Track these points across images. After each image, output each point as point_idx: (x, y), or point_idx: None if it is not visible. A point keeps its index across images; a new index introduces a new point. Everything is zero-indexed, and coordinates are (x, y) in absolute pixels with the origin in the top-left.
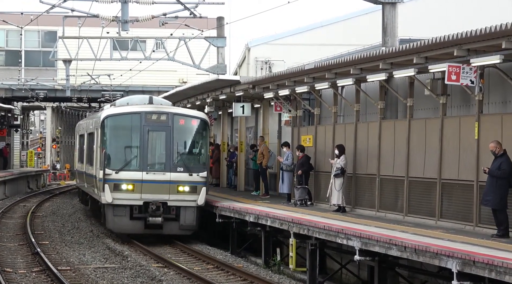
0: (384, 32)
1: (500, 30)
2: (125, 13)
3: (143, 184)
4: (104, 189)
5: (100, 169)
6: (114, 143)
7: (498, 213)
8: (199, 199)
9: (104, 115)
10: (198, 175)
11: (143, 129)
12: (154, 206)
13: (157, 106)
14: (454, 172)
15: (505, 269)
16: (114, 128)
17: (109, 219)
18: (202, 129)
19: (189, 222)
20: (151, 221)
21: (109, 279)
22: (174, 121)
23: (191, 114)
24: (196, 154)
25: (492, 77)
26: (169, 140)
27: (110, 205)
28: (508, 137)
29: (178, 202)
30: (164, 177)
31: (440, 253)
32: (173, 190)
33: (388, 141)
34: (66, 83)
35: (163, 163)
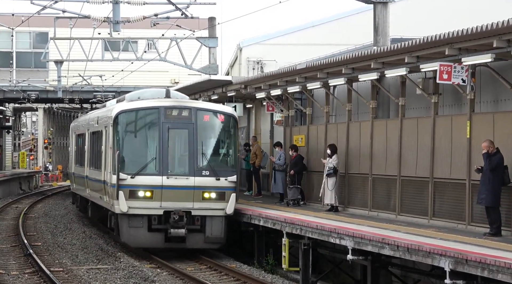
0: (376, 32)
1: (492, 29)
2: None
3: (163, 190)
4: (118, 196)
5: (112, 173)
6: (129, 143)
7: (491, 211)
8: (227, 207)
9: (117, 111)
10: (227, 179)
11: (163, 126)
12: (177, 216)
13: (178, 101)
14: (446, 171)
15: (497, 268)
16: (129, 126)
17: (123, 231)
18: (230, 127)
19: (216, 234)
20: (173, 233)
21: (102, 280)
22: (197, 118)
23: (217, 109)
24: (223, 155)
25: (483, 76)
26: (192, 139)
27: (125, 215)
28: (500, 136)
29: (203, 211)
30: (188, 182)
31: (433, 252)
32: (197, 197)
33: (380, 140)
34: (57, 84)
35: (186, 165)
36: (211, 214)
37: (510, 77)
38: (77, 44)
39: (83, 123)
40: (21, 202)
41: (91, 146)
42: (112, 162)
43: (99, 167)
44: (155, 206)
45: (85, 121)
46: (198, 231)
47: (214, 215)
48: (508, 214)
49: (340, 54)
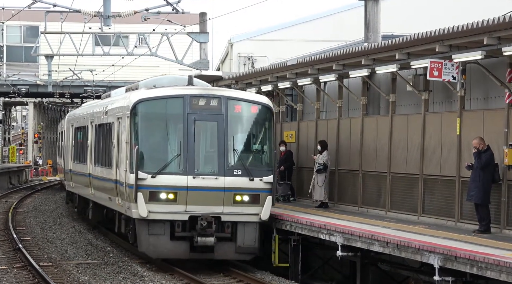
0: (367, 28)
1: (482, 26)
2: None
3: (188, 192)
4: (136, 198)
5: (129, 172)
6: (149, 137)
7: (481, 208)
8: (262, 212)
9: (136, 100)
10: (262, 179)
11: (188, 118)
12: (205, 222)
13: (204, 88)
14: (436, 168)
15: (486, 264)
16: (149, 117)
17: (142, 239)
18: (266, 119)
19: (249, 243)
20: (200, 242)
21: (91, 275)
22: (228, 108)
23: (251, 98)
24: (258, 152)
25: (474, 73)
26: (222, 133)
27: (144, 220)
28: (490, 134)
29: (235, 216)
30: (217, 183)
31: (422, 248)
32: (228, 200)
33: (370, 137)
34: (48, 78)
35: (215, 163)
36: (243, 220)
37: (500, 74)
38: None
39: (85, 115)
40: (10, 196)
41: (96, 140)
42: (129, 158)
43: (109, 165)
44: (179, 210)
45: (88, 113)
46: (228, 240)
47: (247, 221)
48: (497, 211)
49: (331, 50)
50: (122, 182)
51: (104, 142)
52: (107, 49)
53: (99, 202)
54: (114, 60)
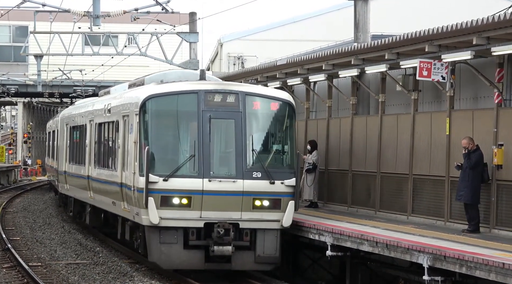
0: (356, 28)
1: (471, 26)
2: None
3: (204, 196)
4: (147, 204)
5: (139, 175)
6: (160, 137)
7: (470, 208)
8: (284, 218)
9: (146, 96)
10: (283, 183)
11: (203, 116)
12: (222, 229)
13: (220, 83)
14: (425, 168)
15: (475, 264)
16: (160, 114)
17: (153, 248)
18: (287, 116)
19: (269, 252)
20: (217, 252)
21: (80, 275)
22: (246, 105)
23: (270, 94)
24: (279, 152)
25: (463, 73)
26: (240, 132)
27: (155, 228)
28: (479, 133)
29: (254, 223)
30: (235, 187)
31: (411, 248)
32: (247, 205)
33: (360, 137)
34: (37, 78)
35: (232, 165)
36: (263, 227)
37: (489, 74)
38: (57, 38)
39: (83, 114)
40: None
41: (97, 141)
42: (139, 160)
43: (113, 166)
44: (194, 216)
45: (86, 111)
46: (246, 249)
47: (268, 228)
48: (486, 211)
49: (321, 50)
50: (130, 186)
51: (106, 141)
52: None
53: (100, 206)
54: (103, 60)
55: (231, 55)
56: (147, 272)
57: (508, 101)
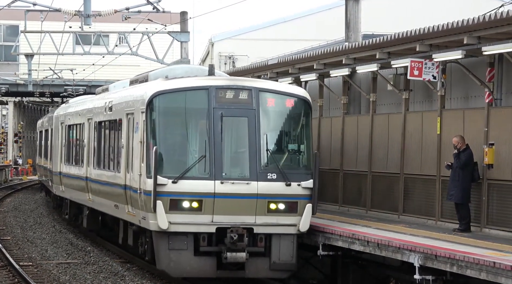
0: (347, 28)
1: (462, 26)
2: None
3: (215, 199)
4: (155, 207)
5: (147, 177)
6: (168, 136)
7: (461, 208)
8: (301, 222)
9: (153, 92)
10: (300, 184)
11: (214, 114)
12: (235, 234)
13: (232, 79)
14: (416, 167)
15: (466, 263)
16: (168, 112)
17: (161, 255)
18: (303, 114)
19: (285, 259)
20: (230, 258)
21: (71, 275)
22: (260, 102)
23: (285, 90)
24: (295, 153)
25: (454, 72)
26: (253, 131)
27: (164, 233)
28: (470, 132)
29: (269, 228)
30: (248, 189)
31: (403, 247)
32: (261, 209)
33: (351, 136)
34: (28, 77)
35: (245, 166)
36: (279, 232)
37: (480, 74)
38: (48, 37)
39: (80, 112)
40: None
41: (96, 140)
42: (146, 161)
43: (115, 168)
44: (205, 220)
45: (84, 109)
46: (261, 255)
47: (283, 232)
48: (477, 210)
49: (312, 49)
50: (135, 188)
51: (107, 141)
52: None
53: (100, 209)
54: (94, 59)
55: (222, 54)
56: (138, 272)
57: (499, 100)
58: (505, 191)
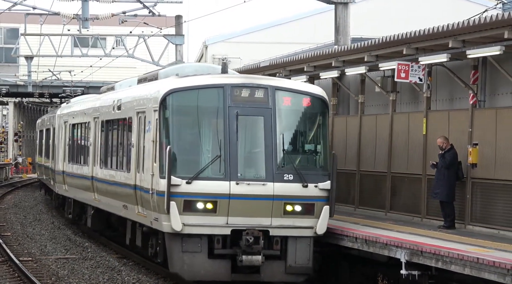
0: (337, 31)
1: (447, 30)
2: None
3: (231, 200)
4: (168, 209)
5: (160, 177)
6: (182, 135)
7: (446, 205)
8: (318, 224)
9: (167, 90)
10: (317, 186)
11: (230, 112)
12: (251, 237)
13: (247, 77)
14: (403, 166)
15: (450, 259)
16: (182, 111)
17: (174, 258)
18: (320, 114)
19: (302, 262)
20: (245, 261)
21: (70, 269)
22: (276, 101)
23: (302, 89)
24: (312, 153)
25: (439, 75)
26: (270, 130)
27: (177, 235)
28: (455, 133)
29: (285, 230)
30: (264, 190)
31: (390, 243)
32: (277, 211)
33: (340, 136)
34: (28, 79)
35: (261, 167)
36: (295, 234)
37: (464, 76)
38: (47, 40)
39: (85, 110)
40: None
41: (104, 139)
42: (159, 161)
43: (125, 167)
44: (220, 222)
45: (90, 108)
46: (276, 258)
47: (300, 235)
48: (461, 207)
49: (302, 52)
50: (147, 189)
51: (116, 140)
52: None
53: (107, 209)
54: (92, 61)
55: (216, 57)
56: (134, 267)
57: (482, 102)
58: (489, 189)
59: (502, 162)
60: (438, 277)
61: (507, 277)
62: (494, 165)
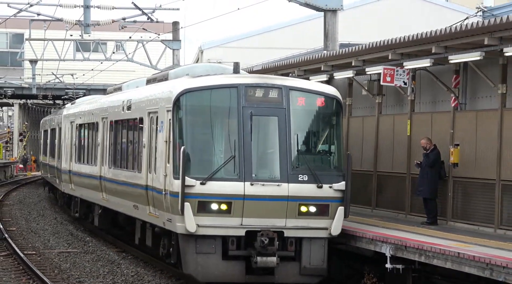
0: (326, 37)
1: (430, 37)
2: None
3: (245, 201)
4: (183, 210)
5: (174, 178)
6: (196, 136)
7: (429, 203)
8: (333, 225)
9: (181, 90)
10: (331, 186)
11: (243, 112)
12: (266, 238)
13: (261, 77)
14: (388, 165)
15: (433, 254)
16: (196, 111)
17: (188, 259)
18: (334, 114)
19: (316, 263)
20: (260, 263)
21: (72, 263)
22: (291, 101)
23: (316, 89)
24: (326, 154)
25: (423, 79)
26: (284, 130)
27: (191, 236)
28: (437, 134)
29: (300, 231)
30: (279, 191)
31: (375, 239)
32: (292, 212)
33: None
34: (32, 81)
35: (276, 167)
36: (310, 235)
37: (446, 80)
38: (51, 44)
39: (93, 111)
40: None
41: (113, 139)
42: (172, 161)
43: (135, 167)
44: (234, 223)
45: (98, 108)
46: (291, 259)
47: (314, 236)
48: (443, 205)
49: (293, 57)
50: (159, 189)
51: (125, 140)
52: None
53: (116, 209)
54: (93, 65)
55: (211, 61)
56: (133, 260)
57: (463, 105)
58: (469, 187)
59: (482, 162)
60: (421, 270)
61: (486, 271)
62: (474, 164)
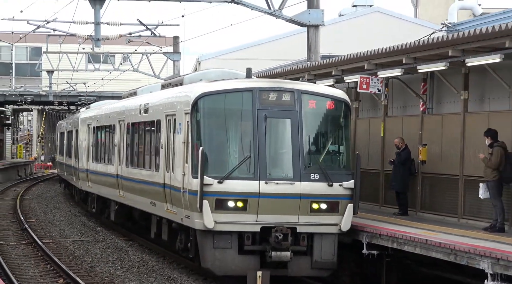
0: (309, 50)
1: (402, 49)
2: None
3: (260, 199)
4: (201, 207)
5: (192, 177)
6: (214, 137)
7: (400, 196)
8: (342, 221)
9: (199, 94)
10: (341, 185)
11: (258, 115)
12: (280, 234)
13: (275, 81)
14: (364, 163)
15: (404, 241)
16: (213, 113)
17: (206, 254)
18: (343, 116)
19: (327, 257)
20: (275, 257)
21: (84, 250)
22: (302, 104)
23: (326, 92)
24: (335, 154)
25: (395, 86)
26: (296, 132)
27: (209, 232)
28: (408, 135)
29: (312, 227)
30: (292, 189)
31: (354, 228)
32: (304, 209)
33: None
34: (49, 90)
35: (289, 167)
36: (321, 231)
37: (416, 87)
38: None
39: (110, 114)
40: (18, 186)
41: (130, 140)
42: (191, 161)
43: (153, 167)
44: (250, 220)
45: (114, 112)
46: (303, 254)
47: (325, 232)
48: (413, 197)
49: (280, 67)
50: (178, 187)
51: (142, 141)
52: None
53: (133, 205)
54: (103, 75)
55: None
56: (138, 248)
57: (430, 109)
58: (436, 182)
59: (447, 159)
60: (394, 256)
61: (450, 256)
62: (440, 161)
